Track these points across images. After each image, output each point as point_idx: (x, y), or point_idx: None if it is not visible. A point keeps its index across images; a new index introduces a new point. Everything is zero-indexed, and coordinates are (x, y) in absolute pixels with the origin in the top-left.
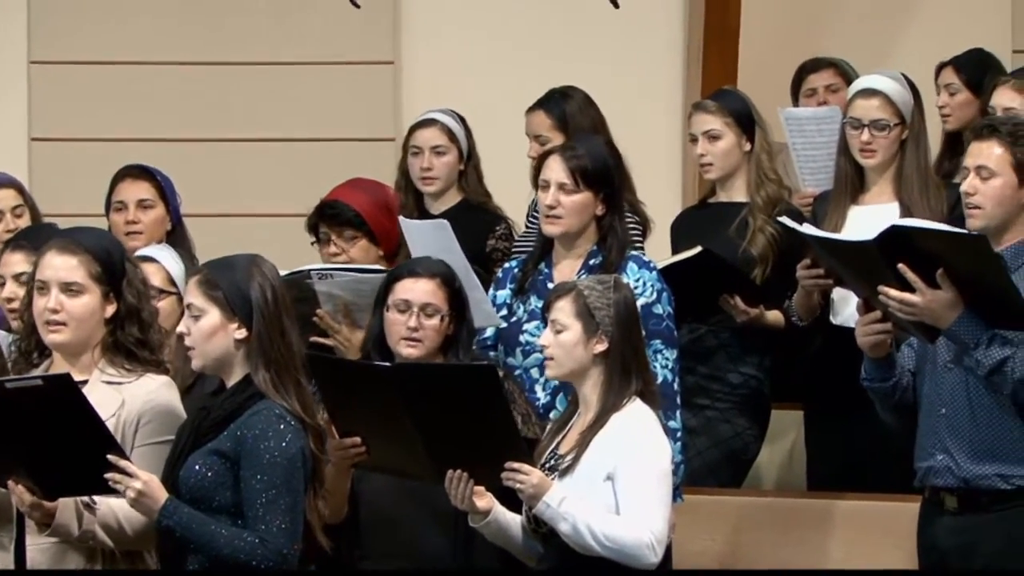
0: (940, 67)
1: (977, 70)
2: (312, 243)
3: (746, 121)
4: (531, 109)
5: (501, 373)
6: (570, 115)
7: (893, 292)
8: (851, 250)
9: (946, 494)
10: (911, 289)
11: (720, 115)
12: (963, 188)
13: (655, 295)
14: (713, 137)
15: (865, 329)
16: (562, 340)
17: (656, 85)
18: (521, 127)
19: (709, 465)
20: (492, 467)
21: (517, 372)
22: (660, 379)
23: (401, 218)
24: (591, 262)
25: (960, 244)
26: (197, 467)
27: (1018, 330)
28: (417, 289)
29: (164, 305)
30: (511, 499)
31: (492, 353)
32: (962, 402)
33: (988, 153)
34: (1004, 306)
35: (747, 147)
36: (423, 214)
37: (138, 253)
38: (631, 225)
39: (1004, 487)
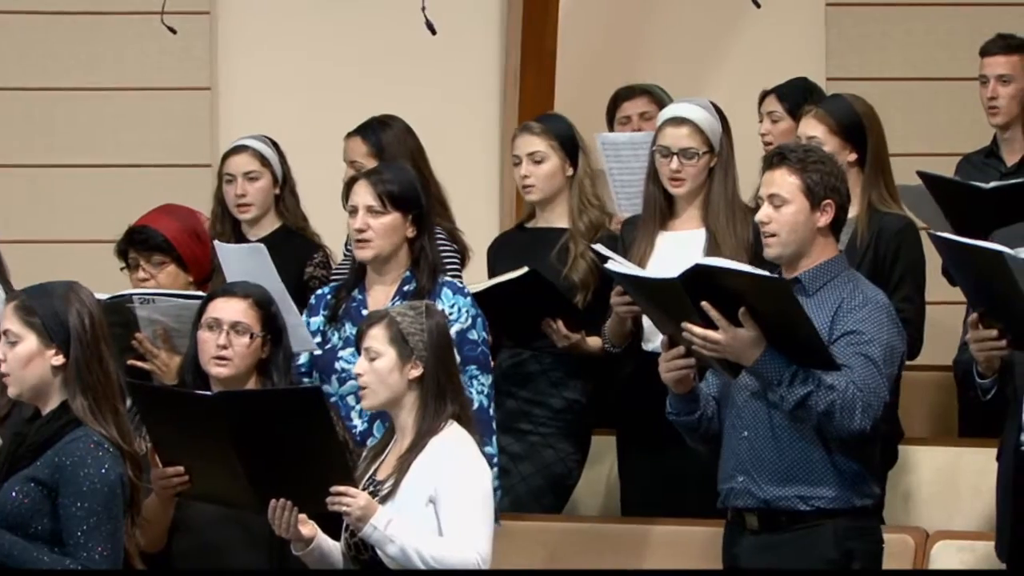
0: (763, 95)
1: (799, 98)
2: (122, 268)
3: (570, 146)
4: (349, 135)
5: None
6: (386, 143)
7: (696, 329)
8: (656, 287)
9: (747, 514)
10: (715, 326)
11: (545, 138)
12: (757, 217)
13: (470, 321)
14: (537, 160)
15: (668, 364)
16: (377, 367)
17: (473, 109)
18: (340, 152)
19: (533, 490)
20: (316, 492)
21: (333, 399)
22: (476, 405)
23: (216, 242)
24: (405, 288)
25: (762, 286)
26: (13, 494)
27: (818, 368)
28: (228, 308)
29: None
30: (329, 525)
31: (307, 380)
32: (764, 426)
33: (780, 181)
34: (805, 347)
35: (570, 172)
36: (241, 241)
37: None
38: (449, 253)
39: (803, 508)
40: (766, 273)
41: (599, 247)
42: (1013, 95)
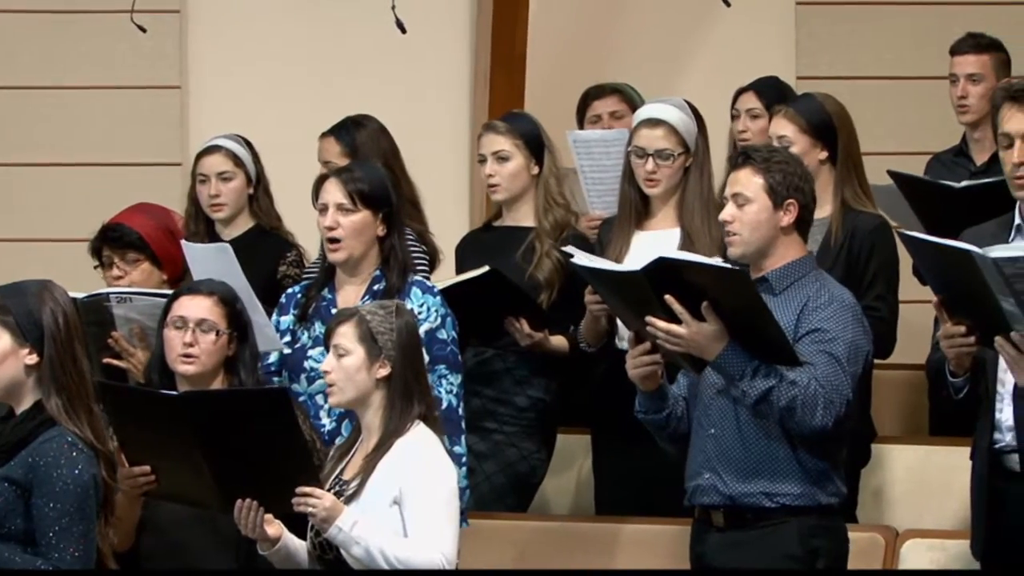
0: (739, 93)
1: (777, 95)
2: (95, 267)
3: (535, 144)
4: (323, 135)
5: None
6: (360, 143)
7: (660, 323)
8: (620, 280)
9: (713, 511)
10: (678, 320)
11: (510, 136)
12: (721, 217)
13: (439, 320)
14: (502, 158)
15: (635, 361)
16: (345, 364)
17: (444, 110)
18: (311, 152)
19: (497, 489)
20: (282, 493)
21: (302, 398)
22: (445, 404)
23: (183, 241)
24: (375, 287)
25: (724, 278)
26: None
27: (781, 364)
28: (193, 305)
29: None
30: (295, 524)
31: (276, 379)
32: (731, 423)
33: (745, 181)
34: (768, 341)
35: (535, 170)
36: (215, 241)
37: None
38: (417, 254)
39: (768, 505)
40: (727, 264)
41: (568, 248)
42: (982, 94)
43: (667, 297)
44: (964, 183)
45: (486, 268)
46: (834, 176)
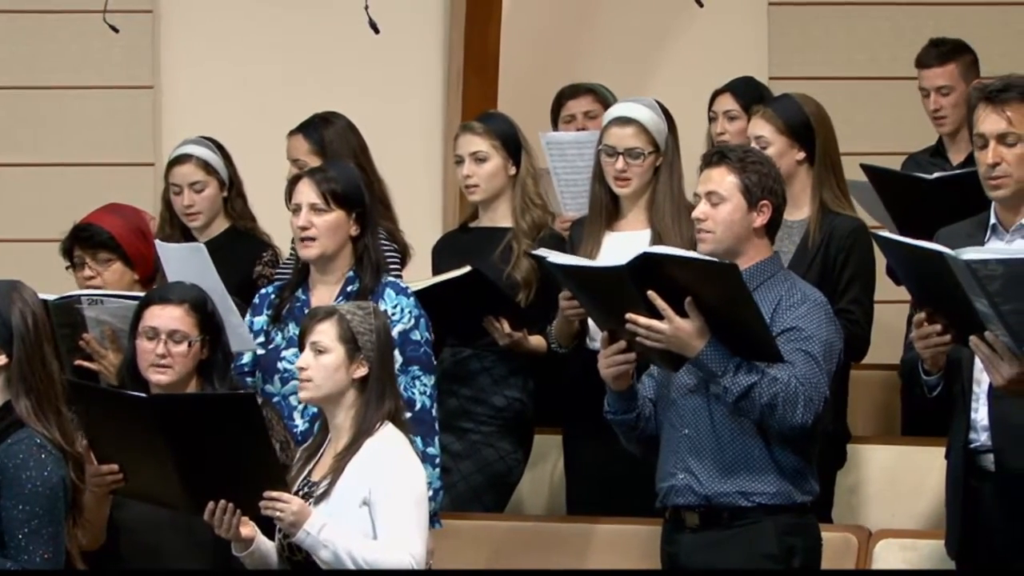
0: (715, 94)
1: (754, 96)
2: (67, 267)
3: (513, 145)
4: (291, 133)
5: (260, 400)
6: (328, 141)
7: (641, 319)
8: (598, 277)
9: (687, 512)
10: (659, 317)
11: (487, 137)
12: (694, 215)
13: (413, 321)
14: (479, 159)
15: (608, 361)
16: (324, 362)
17: (416, 110)
18: (284, 151)
19: (474, 489)
20: (250, 496)
21: (276, 399)
22: (419, 405)
23: (157, 241)
24: (349, 288)
25: (710, 273)
26: None
27: (762, 361)
28: (164, 315)
29: None
30: (264, 525)
31: (249, 380)
32: (705, 422)
33: (719, 180)
34: (751, 337)
35: (513, 171)
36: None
37: None
38: (389, 253)
39: (744, 504)
40: (714, 259)
41: (539, 252)
42: (955, 103)
43: (650, 293)
44: (936, 175)
45: (467, 268)
46: (812, 177)
